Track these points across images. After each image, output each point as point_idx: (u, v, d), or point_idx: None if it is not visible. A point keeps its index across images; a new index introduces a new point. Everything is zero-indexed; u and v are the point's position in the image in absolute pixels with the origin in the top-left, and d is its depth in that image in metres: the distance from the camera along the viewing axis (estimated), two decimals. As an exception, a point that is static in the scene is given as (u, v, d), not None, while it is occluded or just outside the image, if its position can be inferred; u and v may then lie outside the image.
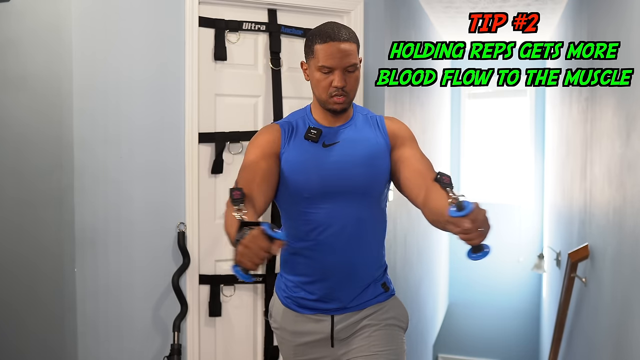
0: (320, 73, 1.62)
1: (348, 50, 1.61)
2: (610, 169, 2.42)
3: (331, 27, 1.63)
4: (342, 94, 1.62)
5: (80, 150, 2.19)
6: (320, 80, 1.63)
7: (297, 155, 1.65)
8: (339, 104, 1.64)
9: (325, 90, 1.63)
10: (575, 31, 3.74)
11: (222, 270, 2.43)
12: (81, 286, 2.21)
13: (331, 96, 1.63)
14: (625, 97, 2.16)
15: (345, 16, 2.60)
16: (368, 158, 1.67)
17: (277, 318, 1.78)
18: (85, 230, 2.21)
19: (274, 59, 2.46)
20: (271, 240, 1.22)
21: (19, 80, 2.20)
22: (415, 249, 4.28)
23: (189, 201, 2.34)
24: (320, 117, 1.71)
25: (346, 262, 1.67)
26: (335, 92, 1.62)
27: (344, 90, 1.62)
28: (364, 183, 1.66)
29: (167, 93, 2.31)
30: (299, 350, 1.75)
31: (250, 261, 1.22)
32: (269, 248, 1.22)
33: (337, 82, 1.61)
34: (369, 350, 1.67)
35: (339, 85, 1.61)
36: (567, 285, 3.26)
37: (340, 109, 1.65)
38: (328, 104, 1.65)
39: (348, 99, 1.65)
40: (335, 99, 1.63)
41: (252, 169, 1.60)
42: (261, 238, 1.22)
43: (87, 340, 2.22)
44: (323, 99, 1.65)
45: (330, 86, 1.62)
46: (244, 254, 1.21)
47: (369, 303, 1.72)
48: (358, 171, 1.65)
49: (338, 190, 1.64)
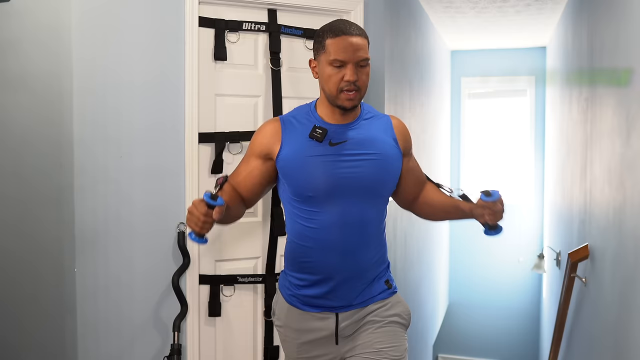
0: (332, 67, 1.60)
1: (360, 44, 1.60)
2: (610, 169, 2.42)
3: (342, 22, 1.64)
4: (353, 88, 1.60)
5: (80, 150, 2.19)
6: (332, 75, 1.60)
7: (298, 153, 1.65)
8: (350, 100, 1.61)
9: (336, 85, 1.60)
10: (575, 31, 3.74)
11: (222, 270, 2.43)
12: (81, 286, 2.21)
13: (342, 91, 1.60)
14: (625, 97, 2.16)
15: (345, 16, 2.60)
16: (379, 159, 1.67)
17: (280, 316, 1.78)
18: (85, 230, 2.21)
19: (273, 59, 2.46)
20: (210, 207, 1.47)
21: (18, 81, 2.20)
22: (415, 249, 4.28)
23: (189, 201, 2.33)
24: (326, 115, 1.69)
25: (351, 260, 1.68)
26: (346, 87, 1.59)
27: (356, 85, 1.60)
28: (375, 184, 1.66)
29: (167, 93, 2.31)
30: (303, 348, 1.75)
31: (195, 224, 1.47)
32: (208, 213, 1.46)
33: (349, 76, 1.58)
34: (373, 347, 1.68)
35: (351, 79, 1.58)
36: (567, 285, 3.27)
37: (351, 105, 1.63)
38: (338, 100, 1.62)
39: (359, 95, 1.63)
40: (346, 95, 1.60)
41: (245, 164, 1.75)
42: (201, 205, 1.46)
43: (87, 340, 2.23)
44: (334, 94, 1.62)
45: (341, 81, 1.59)
46: (189, 219, 1.48)
47: (372, 300, 1.73)
48: (369, 172, 1.65)
49: (346, 190, 1.64)
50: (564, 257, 3.87)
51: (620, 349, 2.19)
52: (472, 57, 6.67)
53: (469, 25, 5.20)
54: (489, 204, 1.61)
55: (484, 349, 6.91)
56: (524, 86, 6.61)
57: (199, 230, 1.48)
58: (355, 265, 1.68)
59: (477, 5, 4.44)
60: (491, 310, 6.82)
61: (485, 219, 1.62)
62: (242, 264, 2.47)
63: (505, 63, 6.61)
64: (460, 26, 5.22)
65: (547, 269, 5.38)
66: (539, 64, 6.40)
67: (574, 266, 3.10)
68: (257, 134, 1.74)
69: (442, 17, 4.83)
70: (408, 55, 3.84)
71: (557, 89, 4.95)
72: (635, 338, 1.97)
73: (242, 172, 1.74)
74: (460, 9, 4.54)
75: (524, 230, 6.49)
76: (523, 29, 5.37)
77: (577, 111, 3.50)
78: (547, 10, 4.56)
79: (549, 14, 4.71)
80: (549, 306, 5.37)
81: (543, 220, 6.26)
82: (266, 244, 2.48)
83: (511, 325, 6.78)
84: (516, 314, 6.73)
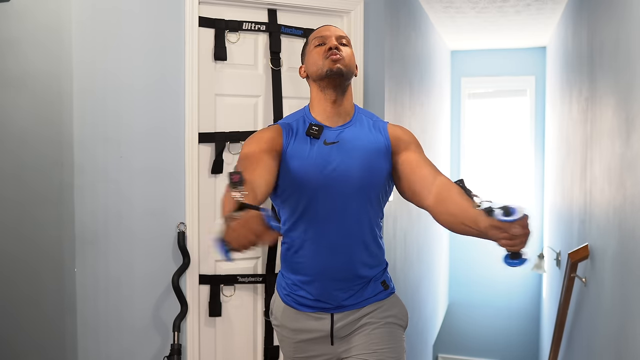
0: (315, 47, 1.71)
1: (338, 28, 1.76)
2: (610, 169, 2.42)
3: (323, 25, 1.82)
4: (337, 52, 1.67)
5: (80, 150, 2.19)
6: (315, 53, 1.70)
7: (301, 152, 1.65)
8: (335, 62, 1.66)
9: (321, 57, 1.68)
10: (575, 31, 3.74)
11: (222, 270, 2.43)
12: (81, 286, 2.21)
13: (327, 58, 1.67)
14: (625, 97, 2.16)
15: (345, 16, 2.60)
16: (366, 158, 1.67)
17: (277, 315, 1.79)
18: (85, 230, 2.21)
19: (274, 59, 2.46)
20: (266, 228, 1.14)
21: (18, 81, 2.20)
22: (415, 248, 4.28)
23: (189, 201, 2.34)
24: (320, 116, 1.71)
25: (345, 260, 1.67)
26: (330, 53, 1.67)
27: (339, 53, 1.67)
28: (361, 183, 1.66)
29: (167, 93, 2.31)
30: (299, 347, 1.75)
31: (238, 241, 1.14)
32: (262, 234, 1.14)
33: (330, 43, 1.68)
34: (368, 348, 1.67)
35: (333, 45, 1.67)
36: (567, 285, 3.27)
37: (337, 67, 1.66)
38: (325, 67, 1.67)
39: (344, 63, 1.68)
40: (331, 57, 1.66)
41: (254, 158, 1.55)
42: (258, 221, 1.13)
43: (87, 341, 2.22)
44: (319, 65, 1.68)
45: (325, 52, 1.68)
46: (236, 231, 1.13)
47: (368, 301, 1.72)
48: (355, 171, 1.65)
49: (337, 190, 1.64)
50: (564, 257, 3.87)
51: (621, 348, 2.19)
52: (472, 57, 6.67)
53: (469, 25, 5.20)
54: (505, 225, 1.22)
55: (484, 349, 6.91)
56: (524, 86, 6.61)
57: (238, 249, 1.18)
58: (347, 266, 1.68)
59: (477, 5, 4.44)
60: (491, 310, 6.82)
61: (502, 244, 1.27)
62: (242, 264, 2.47)
63: (505, 63, 6.61)
64: (460, 26, 5.22)
65: (547, 269, 5.38)
66: (539, 64, 6.40)
67: (574, 266, 3.10)
68: (263, 132, 1.71)
69: (442, 17, 4.83)
70: (408, 55, 3.84)
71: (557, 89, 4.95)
72: (635, 338, 1.97)
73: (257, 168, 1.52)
74: (460, 9, 4.54)
75: (524, 230, 6.49)
76: (523, 29, 5.37)
77: (577, 111, 3.50)
78: (547, 10, 4.56)
79: (549, 14, 4.71)
80: (549, 306, 5.37)
81: (543, 220, 6.26)
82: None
83: (511, 326, 6.77)
84: (516, 314, 6.73)
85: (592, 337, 2.82)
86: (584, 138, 3.18)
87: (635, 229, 1.97)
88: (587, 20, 3.21)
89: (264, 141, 1.63)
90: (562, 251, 4.23)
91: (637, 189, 1.95)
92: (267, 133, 1.69)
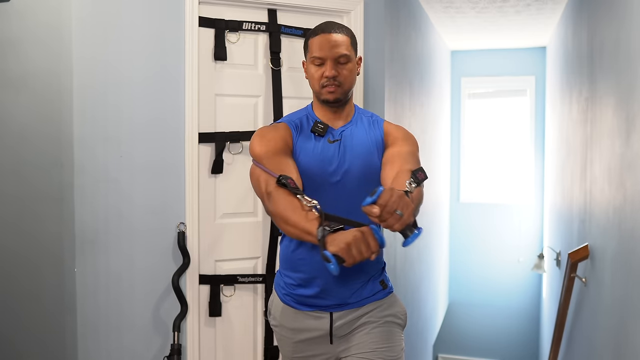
0: (314, 65, 1.68)
1: (338, 41, 1.66)
2: (610, 169, 2.42)
3: (326, 23, 1.72)
4: (333, 83, 1.66)
5: (80, 149, 2.19)
6: (314, 72, 1.68)
7: (306, 149, 1.68)
8: (331, 93, 1.67)
9: (318, 82, 1.68)
10: (575, 31, 3.74)
11: (222, 270, 2.43)
12: (81, 285, 2.21)
13: (323, 86, 1.67)
14: (625, 97, 2.16)
15: (345, 16, 2.60)
16: (365, 156, 1.69)
17: (276, 315, 1.79)
18: (85, 229, 2.21)
19: (274, 59, 2.46)
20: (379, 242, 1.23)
21: (19, 80, 2.20)
22: (415, 248, 4.28)
23: (189, 201, 2.34)
24: (322, 116, 1.74)
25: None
26: (326, 83, 1.66)
27: (336, 80, 1.66)
28: (362, 180, 1.68)
29: (167, 93, 2.31)
30: (298, 347, 1.75)
31: (353, 257, 1.24)
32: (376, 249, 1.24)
33: (327, 72, 1.65)
34: (367, 347, 1.68)
35: (329, 75, 1.65)
36: (567, 285, 3.27)
37: (333, 98, 1.68)
38: (321, 94, 1.69)
39: (341, 90, 1.67)
40: (327, 89, 1.66)
41: (284, 161, 1.60)
42: (373, 237, 1.24)
43: (87, 340, 2.23)
44: (317, 90, 1.70)
45: (322, 77, 1.66)
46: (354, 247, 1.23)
47: (367, 300, 1.72)
48: (356, 169, 1.68)
49: (339, 186, 1.67)
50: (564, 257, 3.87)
51: (620, 348, 2.19)
52: (472, 57, 6.67)
53: (469, 25, 5.20)
54: (367, 209, 1.22)
55: (484, 349, 6.91)
56: (524, 86, 6.61)
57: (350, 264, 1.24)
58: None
59: (477, 5, 4.44)
60: (491, 310, 6.82)
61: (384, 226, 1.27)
62: (242, 264, 2.47)
63: (505, 63, 6.61)
64: (460, 26, 5.22)
65: (547, 269, 5.38)
66: (539, 64, 6.40)
67: (574, 266, 3.10)
68: (274, 130, 1.68)
69: (442, 17, 4.83)
70: (408, 55, 3.84)
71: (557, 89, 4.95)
72: (635, 338, 1.97)
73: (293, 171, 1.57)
74: (460, 9, 4.54)
75: (524, 230, 6.49)
76: (523, 29, 5.37)
77: (577, 111, 3.50)
78: (547, 10, 4.56)
79: (549, 14, 4.71)
80: (549, 306, 5.37)
81: (543, 220, 6.26)
82: (266, 244, 2.48)
83: (511, 325, 6.77)
84: (516, 313, 6.73)
85: (592, 337, 2.82)
86: (584, 138, 3.18)
87: (635, 229, 1.97)
88: (587, 21, 3.21)
89: (281, 139, 1.65)
90: (562, 251, 4.23)
91: (637, 189, 1.95)
92: (279, 131, 1.68)
